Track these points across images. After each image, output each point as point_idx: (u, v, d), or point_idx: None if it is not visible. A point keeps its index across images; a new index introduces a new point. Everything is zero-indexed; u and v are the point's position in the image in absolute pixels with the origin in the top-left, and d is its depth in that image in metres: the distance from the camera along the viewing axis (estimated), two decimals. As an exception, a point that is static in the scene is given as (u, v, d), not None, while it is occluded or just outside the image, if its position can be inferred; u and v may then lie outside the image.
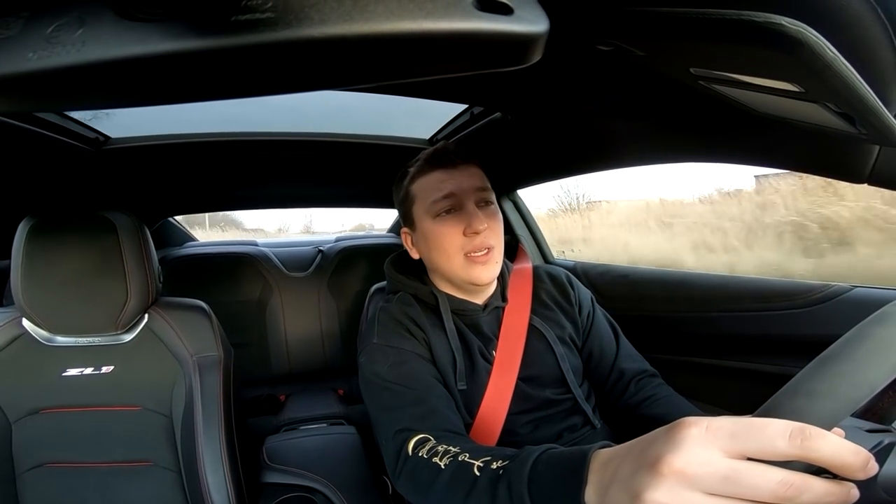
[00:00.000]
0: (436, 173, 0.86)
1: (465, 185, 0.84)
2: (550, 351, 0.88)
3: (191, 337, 1.02)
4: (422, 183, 0.87)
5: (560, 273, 1.00)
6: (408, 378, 0.77)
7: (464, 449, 0.61)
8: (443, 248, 0.84)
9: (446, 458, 0.61)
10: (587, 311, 0.96)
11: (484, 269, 0.84)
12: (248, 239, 2.55)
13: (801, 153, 0.72)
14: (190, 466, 0.95)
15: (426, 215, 0.86)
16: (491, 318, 0.90)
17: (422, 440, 0.66)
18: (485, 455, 0.58)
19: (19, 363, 0.97)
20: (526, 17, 0.28)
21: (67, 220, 0.95)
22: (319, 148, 1.37)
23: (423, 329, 0.85)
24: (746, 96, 0.56)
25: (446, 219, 0.84)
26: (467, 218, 0.82)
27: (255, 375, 1.97)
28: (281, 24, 0.27)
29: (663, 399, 0.86)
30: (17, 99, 0.30)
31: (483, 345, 0.86)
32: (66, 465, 0.97)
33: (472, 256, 0.83)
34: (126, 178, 1.44)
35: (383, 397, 0.77)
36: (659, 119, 0.86)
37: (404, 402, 0.74)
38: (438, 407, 0.73)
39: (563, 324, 0.92)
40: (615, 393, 0.91)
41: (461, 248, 0.83)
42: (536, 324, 0.89)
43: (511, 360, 0.85)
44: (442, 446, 0.63)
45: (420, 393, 0.75)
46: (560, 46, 0.56)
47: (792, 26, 0.34)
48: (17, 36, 0.27)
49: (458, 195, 0.84)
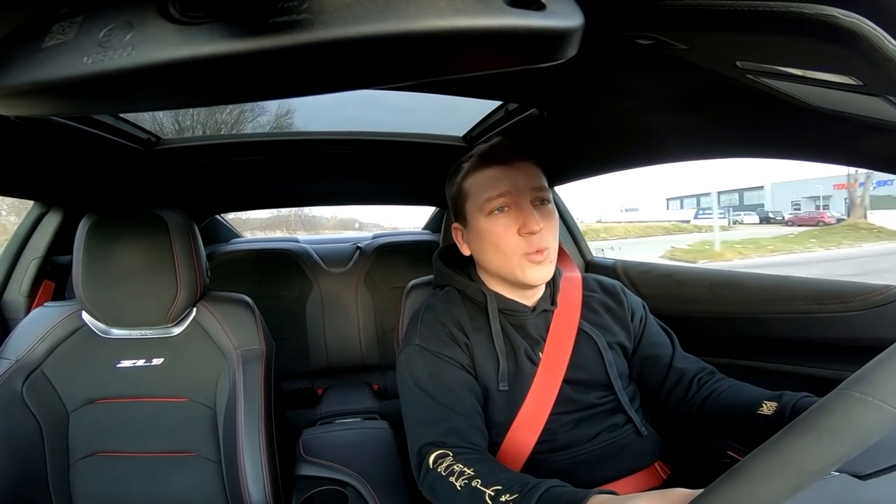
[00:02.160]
0: (490, 170, 0.84)
1: (520, 182, 0.82)
2: (599, 356, 0.86)
3: (235, 330, 1.05)
4: (476, 179, 0.85)
5: (611, 282, 0.98)
6: (442, 390, 0.78)
7: (478, 473, 0.65)
8: (498, 248, 0.82)
9: (461, 479, 0.65)
10: (640, 316, 0.94)
11: (539, 270, 0.82)
12: (290, 236, 2.63)
13: (860, 148, 0.67)
14: (230, 457, 0.98)
15: (479, 213, 0.84)
16: (539, 320, 0.88)
17: (441, 455, 0.70)
18: (496, 484, 0.62)
19: (78, 354, 1.02)
20: (559, 12, 0.28)
21: (123, 218, 1.00)
22: (357, 146, 1.40)
23: (466, 333, 0.84)
24: (799, 90, 0.54)
25: (500, 217, 0.82)
26: (522, 217, 0.80)
27: (293, 369, 2.03)
28: (317, 24, 0.28)
29: (727, 390, 0.82)
30: (76, 102, 0.32)
31: (529, 346, 0.85)
32: (114, 454, 1.01)
33: (528, 256, 0.81)
34: (176, 177, 1.52)
35: (415, 406, 0.79)
36: (706, 113, 0.82)
37: (433, 416, 0.76)
38: (463, 425, 0.75)
39: (613, 330, 0.90)
40: (676, 395, 0.87)
41: (517, 248, 0.81)
42: (586, 328, 0.87)
43: (558, 363, 0.83)
44: (458, 465, 0.67)
45: (449, 408, 0.76)
46: (596, 41, 0.55)
47: (846, 18, 0.32)
48: (72, 41, 0.28)
49: (513, 193, 0.81)
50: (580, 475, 0.79)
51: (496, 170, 0.83)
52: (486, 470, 0.66)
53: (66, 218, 1.34)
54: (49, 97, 0.29)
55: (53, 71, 0.28)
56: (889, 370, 0.33)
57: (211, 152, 1.34)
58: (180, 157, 1.33)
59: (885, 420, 0.31)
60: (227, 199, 2.04)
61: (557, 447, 0.81)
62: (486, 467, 0.67)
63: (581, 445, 0.82)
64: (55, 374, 1.00)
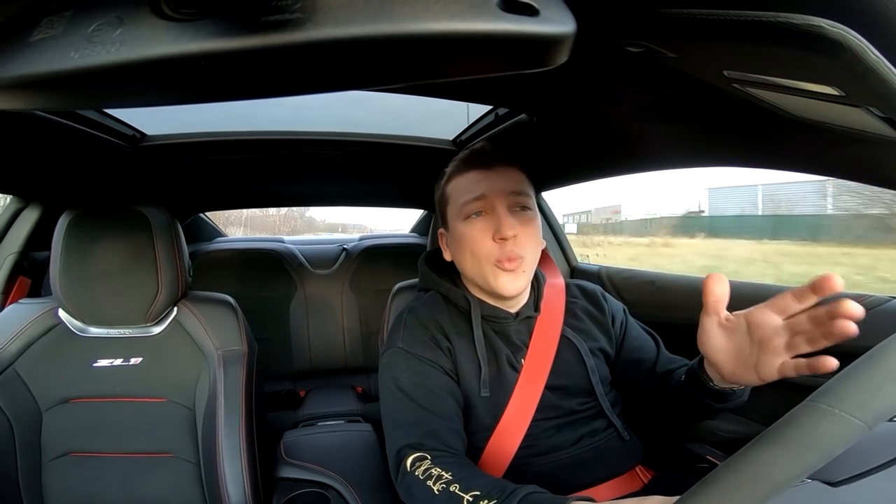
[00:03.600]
0: (470, 174, 0.83)
1: (497, 186, 0.80)
2: (581, 363, 0.86)
3: (217, 331, 1.04)
4: (456, 183, 0.85)
5: (592, 287, 0.98)
6: (422, 393, 0.77)
7: (456, 477, 0.64)
8: (471, 253, 0.81)
9: (439, 483, 0.64)
10: (620, 320, 0.94)
11: (510, 280, 0.80)
12: (275, 236, 2.61)
13: (841, 158, 0.69)
14: (209, 459, 0.97)
15: (458, 217, 0.83)
16: (522, 326, 0.87)
17: (419, 458, 0.70)
18: (474, 489, 0.61)
19: (53, 352, 1.00)
20: (552, 18, 0.28)
21: (104, 214, 0.98)
22: (345, 147, 1.39)
23: (449, 338, 0.83)
24: (782, 100, 0.55)
25: (475, 222, 0.81)
26: (496, 222, 0.79)
27: (276, 370, 2.01)
28: (309, 24, 0.28)
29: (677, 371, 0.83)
30: (60, 96, 0.32)
31: (511, 353, 0.84)
32: (89, 454, 0.99)
33: (501, 265, 0.79)
34: (160, 175, 1.49)
35: (395, 408, 0.78)
36: (692, 122, 0.84)
37: (412, 418, 0.75)
38: (442, 428, 0.74)
39: (595, 336, 0.90)
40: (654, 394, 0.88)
41: (490, 254, 0.79)
42: (568, 335, 0.87)
43: (539, 370, 0.83)
44: (436, 469, 0.66)
45: (429, 411, 0.76)
46: (588, 47, 0.55)
47: (832, 28, 0.33)
48: (60, 35, 0.28)
49: (489, 197, 0.80)
50: (561, 479, 0.79)
51: (475, 174, 0.82)
52: (464, 474, 0.65)
53: (44, 213, 1.31)
54: (35, 91, 0.29)
55: (40, 65, 0.27)
56: (855, 383, 0.34)
57: (196, 150, 1.32)
58: (165, 154, 1.31)
59: (851, 432, 0.32)
60: (212, 197, 2.02)
61: (539, 452, 0.81)
62: (464, 472, 0.66)
63: (563, 450, 0.82)
64: (28, 373, 0.98)
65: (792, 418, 0.34)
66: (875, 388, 0.33)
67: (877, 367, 0.34)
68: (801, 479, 0.33)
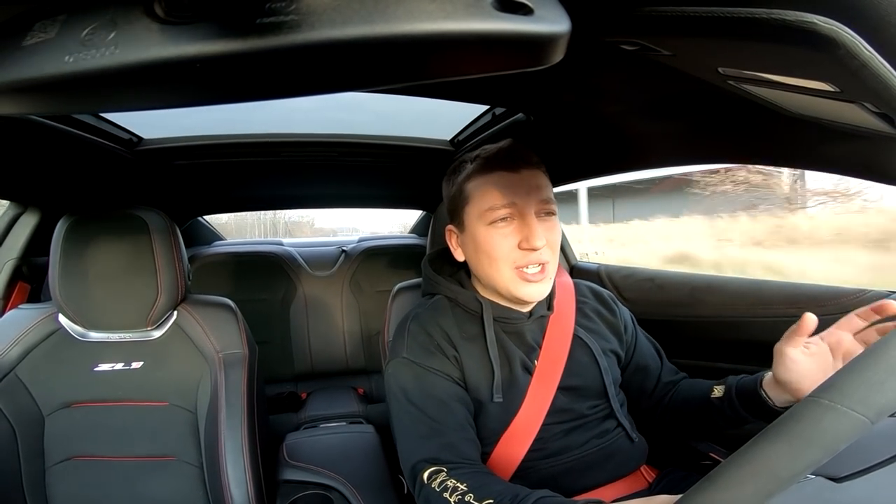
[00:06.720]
0: (495, 175, 0.79)
1: (527, 194, 0.77)
2: (595, 363, 0.85)
3: (217, 334, 1.04)
4: (479, 183, 0.80)
5: (602, 290, 0.98)
6: (432, 403, 0.76)
7: (471, 487, 0.66)
8: (493, 258, 0.78)
9: (455, 495, 0.65)
10: (631, 329, 0.94)
11: (536, 287, 0.78)
12: (273, 239, 2.60)
13: (836, 154, 0.69)
14: (212, 462, 0.97)
15: (479, 220, 0.79)
16: (535, 326, 0.85)
17: (435, 472, 0.70)
18: (488, 497, 0.63)
19: (54, 358, 1.00)
20: (547, 17, 0.28)
21: (103, 219, 0.98)
22: (342, 149, 1.39)
23: (455, 344, 0.81)
24: (778, 96, 0.55)
25: (501, 227, 0.78)
26: (526, 231, 0.76)
27: (277, 373, 2.00)
28: (304, 26, 0.28)
29: (683, 383, 0.90)
30: (55, 101, 0.32)
31: (525, 354, 0.82)
32: (93, 458, 0.99)
33: (524, 272, 0.77)
34: (158, 178, 1.49)
35: (405, 420, 0.77)
36: (688, 119, 0.84)
37: (425, 431, 0.74)
38: (455, 440, 0.74)
39: (607, 337, 0.90)
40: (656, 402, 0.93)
41: (513, 260, 0.77)
42: (581, 335, 0.86)
43: (552, 371, 0.82)
44: (452, 481, 0.67)
45: (440, 422, 0.75)
46: (583, 46, 0.56)
47: (825, 25, 0.33)
48: (54, 39, 0.28)
49: (518, 205, 0.77)
50: (568, 481, 0.79)
51: (502, 176, 0.78)
52: (479, 483, 0.66)
53: (43, 218, 1.31)
54: (29, 96, 0.29)
55: (34, 69, 0.27)
56: (857, 378, 0.34)
57: (194, 153, 1.32)
58: (162, 158, 1.31)
59: (854, 427, 0.32)
60: (211, 200, 2.01)
61: (548, 454, 0.80)
62: (480, 481, 0.67)
63: (571, 452, 0.81)
64: (30, 378, 0.98)
65: (795, 414, 0.34)
66: (878, 384, 0.33)
67: (879, 363, 0.34)
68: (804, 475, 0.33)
